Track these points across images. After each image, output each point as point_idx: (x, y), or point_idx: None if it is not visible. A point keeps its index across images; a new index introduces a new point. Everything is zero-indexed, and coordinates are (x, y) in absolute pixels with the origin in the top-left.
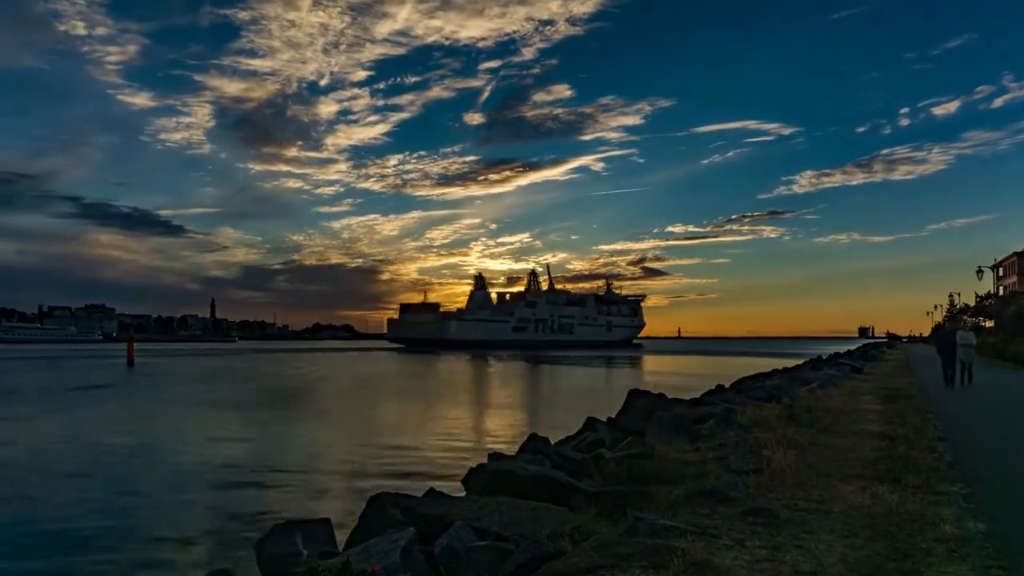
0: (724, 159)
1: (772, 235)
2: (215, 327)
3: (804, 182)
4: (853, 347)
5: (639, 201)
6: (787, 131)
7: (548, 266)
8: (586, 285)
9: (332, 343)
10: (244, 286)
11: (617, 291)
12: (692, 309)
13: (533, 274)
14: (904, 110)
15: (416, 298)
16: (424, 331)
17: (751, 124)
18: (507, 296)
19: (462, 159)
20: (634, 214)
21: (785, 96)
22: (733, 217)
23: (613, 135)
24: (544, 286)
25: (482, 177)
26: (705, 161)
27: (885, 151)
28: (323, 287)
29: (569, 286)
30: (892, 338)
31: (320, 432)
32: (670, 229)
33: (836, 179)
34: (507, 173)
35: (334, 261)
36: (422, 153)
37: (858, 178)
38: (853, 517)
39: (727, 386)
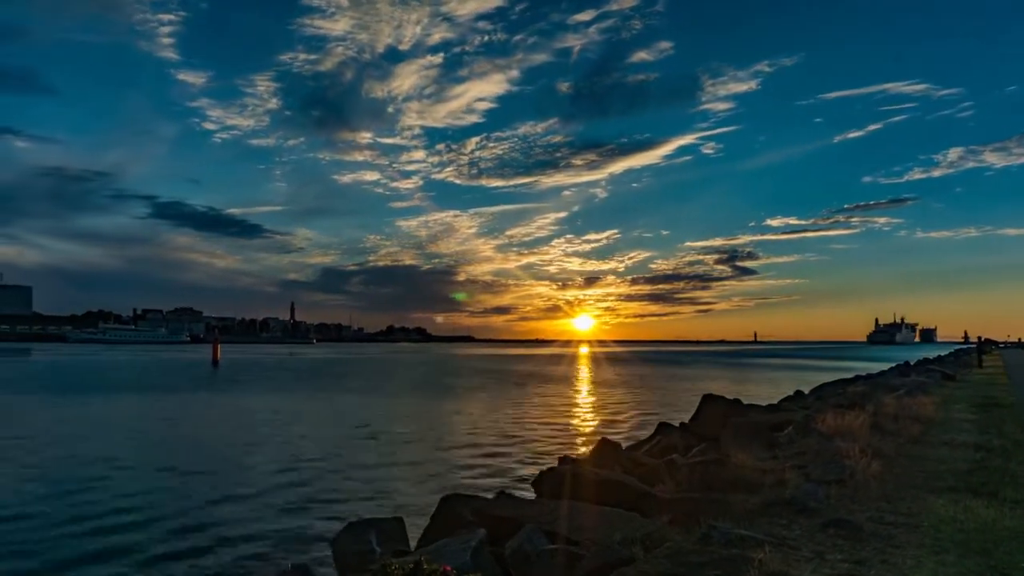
0: (865, 133)
1: (885, 228)
2: (294, 329)
3: (946, 162)
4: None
5: (741, 188)
6: (941, 94)
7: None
8: (666, 286)
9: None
10: (320, 288)
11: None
12: (776, 311)
13: (898, 318)
14: None
15: (492, 300)
16: (885, 339)
17: (894, 87)
18: (883, 325)
19: (546, 139)
20: (732, 205)
21: (943, 48)
22: (845, 207)
23: (721, 106)
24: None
25: (567, 162)
26: (837, 138)
27: None
28: (396, 289)
29: (648, 288)
30: (986, 343)
31: None
32: (769, 222)
33: (986, 158)
34: (594, 157)
35: (408, 262)
36: (501, 134)
37: (1016, 155)
38: (944, 532)
39: (806, 392)
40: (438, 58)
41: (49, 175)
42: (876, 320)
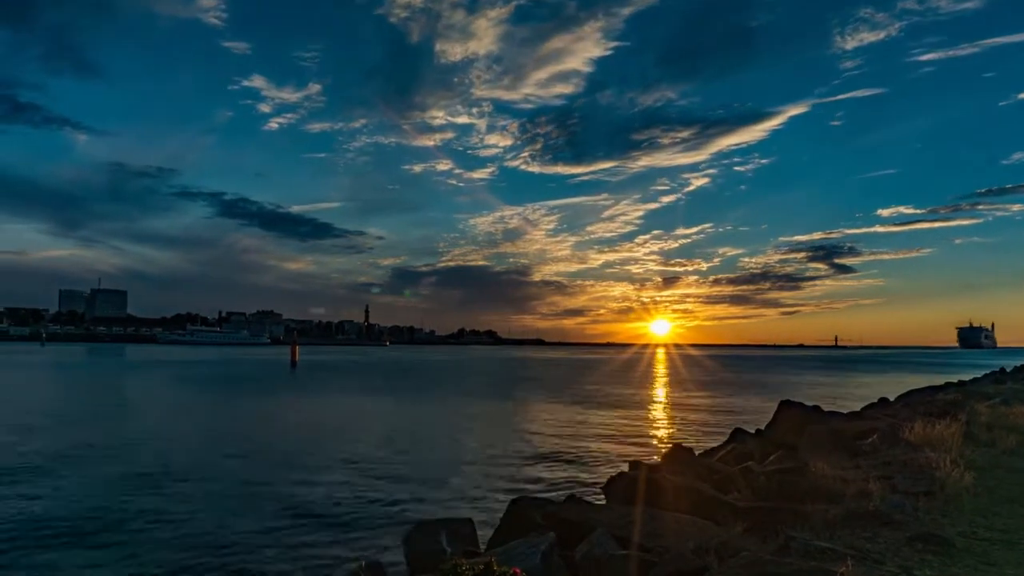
0: None
1: (1017, 217)
2: (368, 331)
3: None
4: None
5: (854, 170)
6: None
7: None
8: (750, 287)
9: None
10: (392, 291)
11: None
12: (865, 314)
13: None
14: None
15: (566, 302)
16: None
17: None
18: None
19: (634, 111)
20: (840, 191)
21: None
22: (977, 192)
23: (848, 63)
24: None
25: (656, 142)
26: (1002, 103)
27: None
28: (467, 291)
29: (730, 289)
30: None
31: None
32: (879, 212)
33: None
34: (688, 135)
35: (479, 263)
36: (583, 107)
37: None
38: None
39: (891, 399)
40: (507, 9)
41: (110, 171)
42: None
